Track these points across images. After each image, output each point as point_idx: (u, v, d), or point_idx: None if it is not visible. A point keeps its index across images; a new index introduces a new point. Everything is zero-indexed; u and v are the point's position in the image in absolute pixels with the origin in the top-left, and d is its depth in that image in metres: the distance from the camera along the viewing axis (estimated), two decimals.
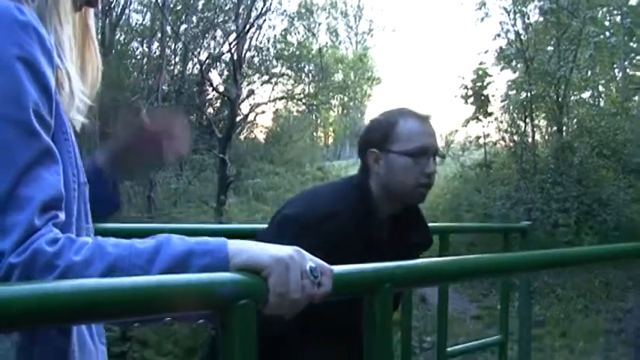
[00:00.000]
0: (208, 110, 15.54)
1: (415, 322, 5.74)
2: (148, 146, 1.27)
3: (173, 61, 15.91)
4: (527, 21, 13.07)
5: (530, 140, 12.65)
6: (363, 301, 1.10)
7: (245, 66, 14.87)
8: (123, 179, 1.33)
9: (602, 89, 15.98)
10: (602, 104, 14.96)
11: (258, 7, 13.05)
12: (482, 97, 12.41)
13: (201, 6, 15.26)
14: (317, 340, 1.53)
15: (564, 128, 12.72)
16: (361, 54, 28.72)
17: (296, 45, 18.04)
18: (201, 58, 15.11)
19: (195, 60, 14.98)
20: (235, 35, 13.31)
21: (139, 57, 16.24)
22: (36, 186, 0.82)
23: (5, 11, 0.85)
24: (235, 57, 13.00)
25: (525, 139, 12.53)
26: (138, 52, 16.46)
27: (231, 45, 13.25)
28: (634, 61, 15.18)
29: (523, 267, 1.59)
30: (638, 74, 15.15)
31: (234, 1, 13.60)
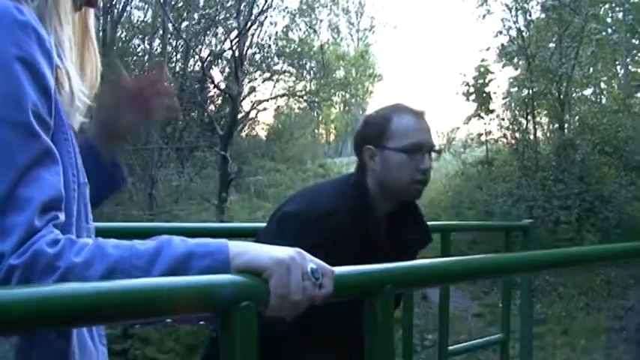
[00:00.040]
0: (210, 107, 15.52)
1: (416, 319, 5.74)
2: (135, 106, 1.23)
3: (174, 59, 15.88)
4: (528, 18, 13.03)
5: (531, 137, 12.62)
6: (365, 302, 1.09)
7: (246, 63, 14.86)
8: (115, 149, 1.28)
9: (604, 86, 15.93)
10: (604, 101, 14.92)
11: (259, 4, 13.03)
12: (484, 95, 12.36)
13: (202, 3, 15.24)
14: (318, 341, 1.53)
15: (566, 125, 12.70)
16: (363, 51, 28.62)
17: (297, 42, 18.03)
18: (202, 55, 15.10)
19: (197, 57, 14.95)
20: (237, 32, 13.30)
21: (140, 54, 16.22)
22: (36, 187, 0.82)
23: (4, 11, 0.84)
24: (237, 54, 12.98)
25: (527, 136, 12.49)
26: (139, 49, 16.44)
27: (233, 42, 13.24)
28: (636, 58, 15.16)
29: (525, 267, 1.58)
30: None
31: None
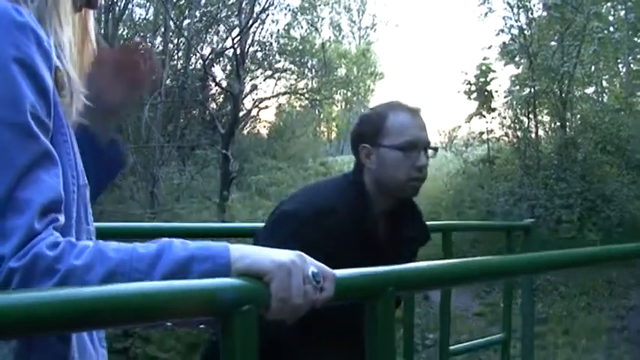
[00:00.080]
0: (211, 105, 15.53)
1: (417, 319, 5.74)
2: (120, 78, 1.21)
3: (176, 56, 15.89)
4: (530, 16, 13.00)
5: (533, 136, 12.60)
6: (366, 305, 1.09)
7: (248, 61, 14.86)
8: (108, 125, 1.26)
9: (605, 85, 15.91)
10: (605, 100, 14.89)
11: (261, 2, 13.04)
12: (486, 93, 12.33)
13: (204, 0, 15.23)
14: (318, 342, 1.53)
15: (568, 124, 12.66)
16: (364, 49, 28.61)
17: (299, 40, 17.98)
18: (204, 53, 15.12)
19: (198, 55, 14.95)
20: (238, 30, 13.31)
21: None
22: (35, 189, 0.81)
23: (2, 12, 0.84)
24: (238, 52, 12.99)
25: (529, 134, 12.47)
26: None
27: (234, 40, 13.24)
28: (638, 57, 15.14)
29: (526, 269, 1.58)
30: None
31: None
